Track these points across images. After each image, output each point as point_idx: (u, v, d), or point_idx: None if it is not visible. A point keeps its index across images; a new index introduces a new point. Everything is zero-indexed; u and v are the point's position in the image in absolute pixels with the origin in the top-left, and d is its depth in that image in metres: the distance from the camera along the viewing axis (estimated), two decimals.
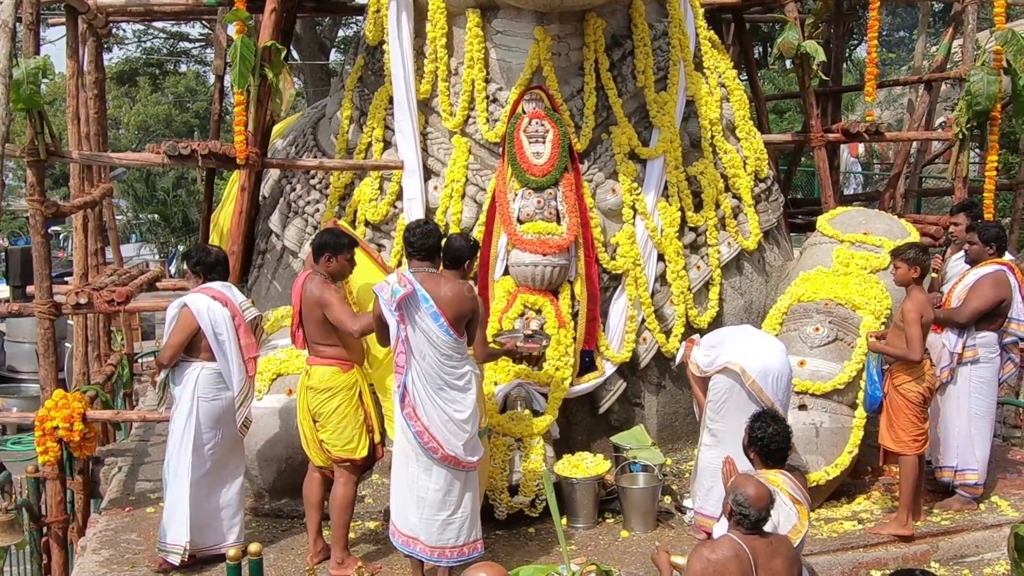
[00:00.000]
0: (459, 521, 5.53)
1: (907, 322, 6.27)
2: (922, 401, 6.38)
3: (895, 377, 6.42)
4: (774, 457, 5.08)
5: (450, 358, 5.43)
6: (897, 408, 6.41)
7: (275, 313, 7.50)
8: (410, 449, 5.52)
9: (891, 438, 6.45)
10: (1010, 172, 13.08)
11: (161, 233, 24.43)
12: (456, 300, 5.43)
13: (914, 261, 6.35)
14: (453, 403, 5.45)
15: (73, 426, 6.66)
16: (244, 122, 7.05)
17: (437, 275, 5.55)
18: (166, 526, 5.97)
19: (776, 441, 5.07)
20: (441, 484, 5.48)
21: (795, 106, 22.21)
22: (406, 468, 5.57)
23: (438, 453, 5.43)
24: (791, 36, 8.65)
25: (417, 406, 5.44)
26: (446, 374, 5.43)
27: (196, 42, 27.80)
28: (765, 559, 4.40)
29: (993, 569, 6.28)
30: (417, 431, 5.44)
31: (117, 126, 31.04)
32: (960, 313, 6.78)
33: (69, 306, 6.92)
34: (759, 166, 8.36)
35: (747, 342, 6.28)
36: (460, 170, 7.44)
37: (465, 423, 5.47)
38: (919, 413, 6.38)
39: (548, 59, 7.34)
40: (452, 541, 5.52)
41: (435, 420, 5.43)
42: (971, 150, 9.33)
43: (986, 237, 6.91)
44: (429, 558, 5.56)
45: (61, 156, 7.05)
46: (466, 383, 5.49)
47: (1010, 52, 8.46)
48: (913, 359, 6.27)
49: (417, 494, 5.52)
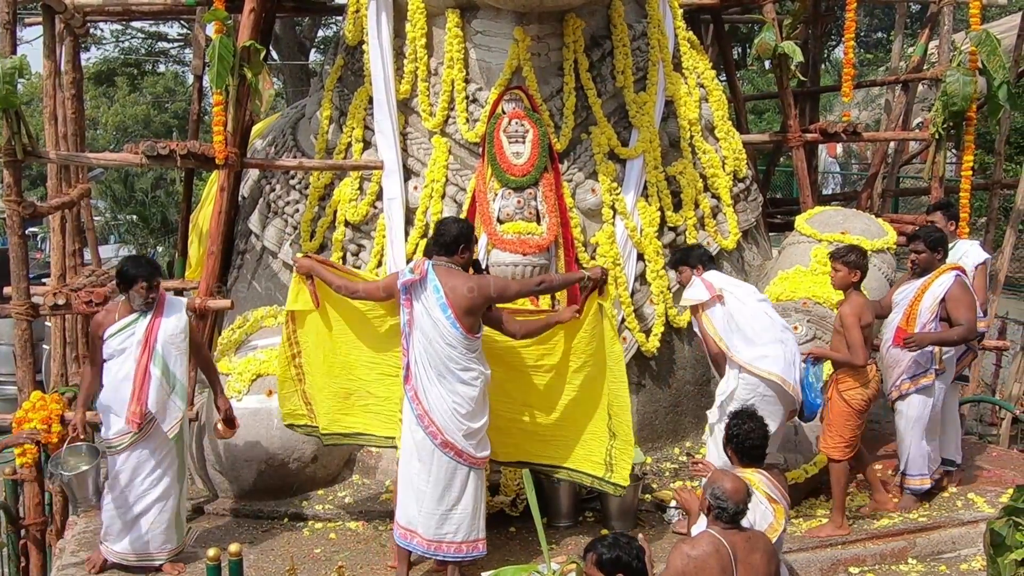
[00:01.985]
0: (459, 516, 5.58)
1: (846, 326, 6.26)
2: (864, 408, 6.35)
3: (841, 383, 6.37)
4: (750, 455, 5.11)
5: (455, 349, 5.50)
6: (838, 414, 6.36)
7: (255, 314, 7.49)
8: (413, 444, 5.60)
9: (829, 445, 6.40)
10: (986, 172, 13.18)
11: (140, 234, 24.24)
12: (468, 295, 5.51)
13: (854, 265, 6.33)
14: (454, 394, 5.51)
15: (51, 427, 6.63)
16: (223, 122, 7.03)
17: (455, 270, 5.62)
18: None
19: (751, 438, 5.10)
20: (442, 476, 5.54)
21: (774, 106, 22.33)
22: (408, 464, 5.65)
23: (438, 438, 5.51)
24: (769, 37, 8.68)
25: (419, 389, 5.54)
26: (452, 363, 5.50)
27: (175, 42, 27.69)
28: (744, 554, 4.44)
29: (970, 565, 6.33)
30: (419, 414, 5.54)
31: (95, 126, 30.84)
32: (968, 329, 6.56)
33: (47, 307, 6.89)
34: (738, 166, 8.40)
35: (778, 348, 6.20)
36: (440, 170, 7.45)
37: (465, 417, 5.53)
38: (858, 420, 6.36)
39: (528, 59, 7.35)
40: (451, 536, 5.57)
41: (436, 406, 5.51)
42: (947, 150, 9.40)
43: (932, 242, 6.75)
44: (426, 551, 5.62)
45: (38, 156, 7.01)
46: (471, 379, 5.55)
47: (985, 53, 8.54)
48: (857, 363, 6.25)
49: (418, 486, 5.58)
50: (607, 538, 4.28)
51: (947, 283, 6.61)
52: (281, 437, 6.73)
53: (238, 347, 7.27)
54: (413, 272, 5.60)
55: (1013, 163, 13.59)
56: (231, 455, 6.77)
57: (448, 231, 5.71)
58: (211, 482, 7.04)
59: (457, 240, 5.67)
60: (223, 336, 7.50)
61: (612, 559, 4.16)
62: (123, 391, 5.78)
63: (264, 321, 7.39)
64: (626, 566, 4.16)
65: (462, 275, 5.64)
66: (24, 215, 6.72)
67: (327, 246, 7.75)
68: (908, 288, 6.77)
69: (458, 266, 5.67)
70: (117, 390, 5.80)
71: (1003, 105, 8.77)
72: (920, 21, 14.49)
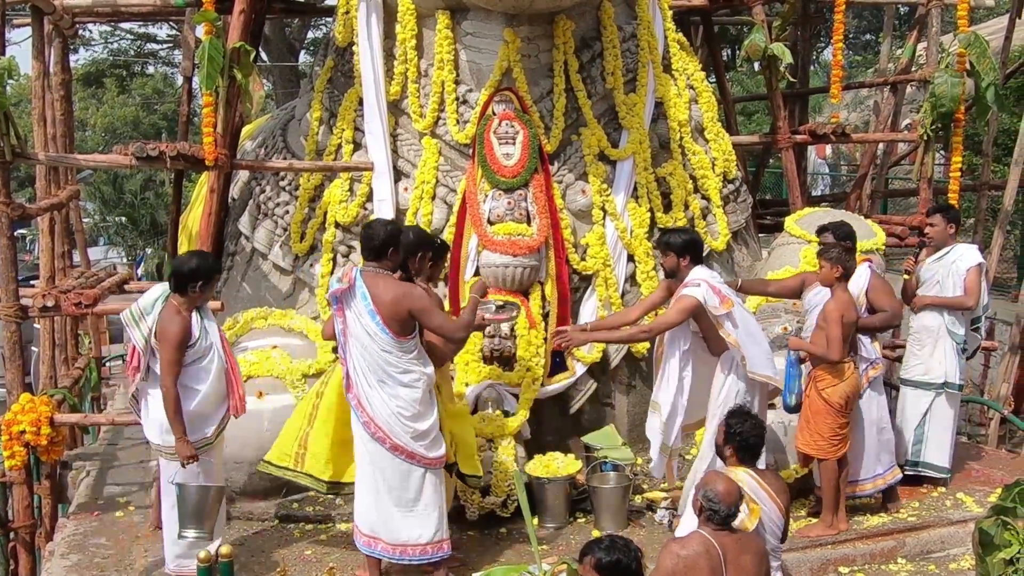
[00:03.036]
0: (419, 518, 5.48)
1: (828, 322, 6.26)
2: (844, 404, 6.32)
3: (819, 380, 6.35)
4: (750, 452, 5.16)
5: (391, 354, 5.39)
6: (817, 411, 6.34)
7: (245, 315, 7.46)
8: (365, 451, 5.52)
9: (809, 442, 6.39)
10: (974, 173, 13.24)
11: (129, 236, 24.18)
12: (391, 303, 5.35)
13: (837, 260, 6.31)
14: (396, 398, 5.41)
15: (40, 430, 6.59)
16: (213, 123, 7.01)
17: (382, 275, 5.48)
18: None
19: (753, 436, 5.16)
20: (396, 479, 5.45)
21: (763, 108, 22.37)
22: (363, 470, 5.57)
23: (386, 443, 5.42)
24: (758, 39, 8.71)
25: (361, 397, 5.46)
26: (390, 368, 5.41)
27: (164, 43, 27.64)
28: (734, 555, 4.44)
29: (959, 564, 6.35)
30: (364, 421, 5.46)
31: (84, 128, 30.71)
32: (893, 315, 6.77)
33: (36, 309, 6.86)
34: (727, 167, 8.42)
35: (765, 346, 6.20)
36: (430, 171, 7.44)
37: (409, 419, 5.42)
38: (839, 418, 6.33)
39: (518, 61, 7.36)
40: (414, 539, 5.48)
41: (379, 411, 5.42)
42: (936, 151, 9.45)
43: (840, 236, 6.82)
44: (391, 556, 5.53)
45: (27, 158, 6.98)
46: (411, 381, 5.44)
47: (973, 55, 8.58)
48: (832, 359, 6.24)
49: (375, 488, 5.50)
50: (603, 541, 4.22)
51: (865, 276, 6.72)
52: (271, 439, 6.67)
53: None
54: (341, 281, 5.49)
55: (1001, 164, 13.61)
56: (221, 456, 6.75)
57: (376, 234, 5.53)
58: None
59: (386, 244, 5.49)
60: None
61: (612, 562, 4.09)
62: (219, 387, 5.75)
63: (254, 323, 7.37)
64: (626, 569, 4.12)
65: (390, 282, 5.47)
66: (12, 216, 6.69)
67: (317, 248, 7.74)
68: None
69: (387, 271, 5.52)
70: (214, 388, 5.72)
71: (991, 106, 8.82)
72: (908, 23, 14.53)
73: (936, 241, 7.32)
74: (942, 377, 7.17)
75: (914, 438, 7.24)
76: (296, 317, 7.40)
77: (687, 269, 6.14)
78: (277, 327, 7.34)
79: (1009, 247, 13.04)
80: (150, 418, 5.75)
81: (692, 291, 6.00)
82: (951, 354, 7.14)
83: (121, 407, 9.62)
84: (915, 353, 7.30)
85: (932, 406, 7.21)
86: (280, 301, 7.84)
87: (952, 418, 7.29)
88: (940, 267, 7.21)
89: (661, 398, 6.22)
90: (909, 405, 7.32)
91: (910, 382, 7.33)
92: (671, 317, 6.09)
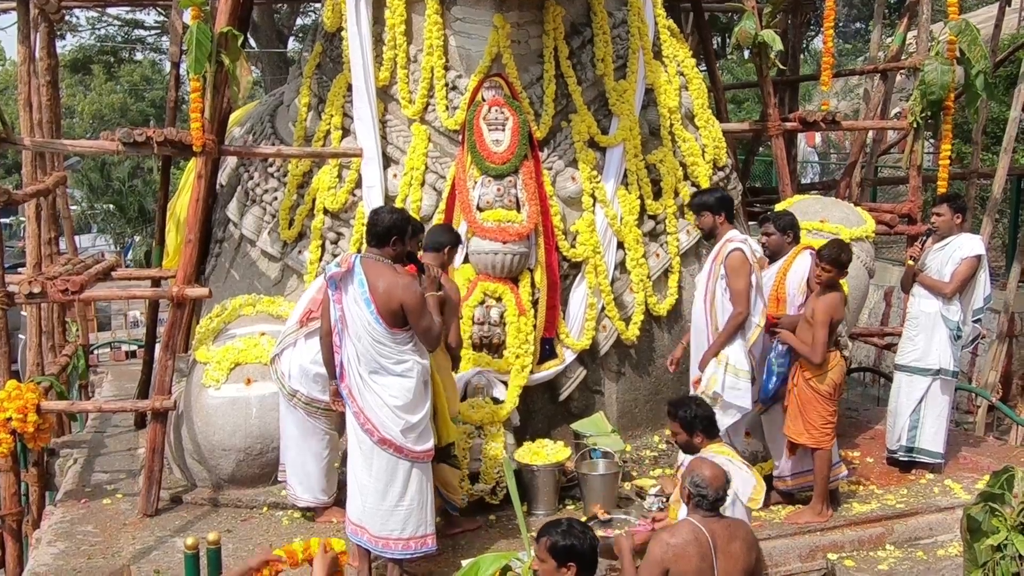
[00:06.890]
0: (404, 512, 5.42)
1: (816, 322, 6.31)
2: (834, 391, 6.39)
3: (805, 370, 6.41)
4: (713, 424, 5.33)
5: (384, 344, 5.32)
6: (807, 401, 6.39)
7: (233, 302, 7.44)
8: (355, 440, 5.48)
9: (802, 431, 6.42)
10: (963, 161, 13.26)
11: (116, 223, 24.11)
12: (385, 293, 5.27)
13: (826, 259, 6.34)
14: (388, 388, 5.35)
15: (27, 417, 6.55)
16: (200, 109, 6.95)
17: (382, 264, 5.39)
18: None
19: (708, 408, 5.42)
20: (383, 472, 5.40)
21: (753, 95, 22.37)
22: (352, 459, 5.53)
23: (374, 436, 5.37)
24: (749, 26, 8.70)
25: (353, 387, 5.41)
26: (383, 358, 5.34)
27: (151, 30, 27.43)
28: (724, 542, 4.45)
29: (946, 550, 6.38)
30: (355, 411, 5.42)
31: (71, 115, 30.60)
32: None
33: (22, 296, 6.81)
34: (717, 154, 8.40)
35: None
36: (419, 158, 7.41)
37: (400, 410, 5.35)
38: (828, 406, 6.38)
39: (507, 46, 7.33)
40: (397, 532, 5.42)
41: (369, 402, 5.36)
42: (925, 139, 9.45)
43: (782, 225, 6.93)
44: (375, 548, 5.48)
45: (13, 143, 6.93)
46: (405, 371, 5.37)
47: (963, 42, 8.59)
48: (814, 361, 6.31)
49: (362, 482, 5.46)
50: (561, 523, 4.25)
51: (807, 263, 6.75)
52: (259, 426, 6.70)
53: (216, 336, 7.22)
54: (340, 265, 5.39)
55: (990, 152, 13.66)
56: (209, 444, 6.74)
57: (380, 221, 5.44)
58: (189, 471, 7.01)
59: (389, 231, 5.39)
60: (201, 325, 7.44)
61: (567, 547, 4.13)
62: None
63: (242, 309, 7.35)
64: (580, 555, 4.15)
65: (389, 271, 5.35)
66: None
67: (306, 234, 7.71)
68: (766, 273, 6.85)
69: (388, 259, 5.42)
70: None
71: (980, 94, 8.84)
72: (899, 11, 14.53)
73: (942, 230, 7.35)
74: (936, 364, 7.20)
75: (909, 424, 7.28)
76: (284, 304, 7.37)
77: (724, 227, 6.53)
78: (265, 314, 7.32)
79: (998, 235, 13.06)
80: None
81: (739, 246, 6.38)
82: (946, 341, 7.17)
83: (108, 395, 9.58)
84: (911, 339, 7.34)
85: (928, 392, 7.24)
86: (268, 288, 7.81)
87: (946, 404, 7.33)
88: (941, 255, 7.26)
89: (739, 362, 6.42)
90: (904, 391, 7.35)
91: (905, 368, 7.36)
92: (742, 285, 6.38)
